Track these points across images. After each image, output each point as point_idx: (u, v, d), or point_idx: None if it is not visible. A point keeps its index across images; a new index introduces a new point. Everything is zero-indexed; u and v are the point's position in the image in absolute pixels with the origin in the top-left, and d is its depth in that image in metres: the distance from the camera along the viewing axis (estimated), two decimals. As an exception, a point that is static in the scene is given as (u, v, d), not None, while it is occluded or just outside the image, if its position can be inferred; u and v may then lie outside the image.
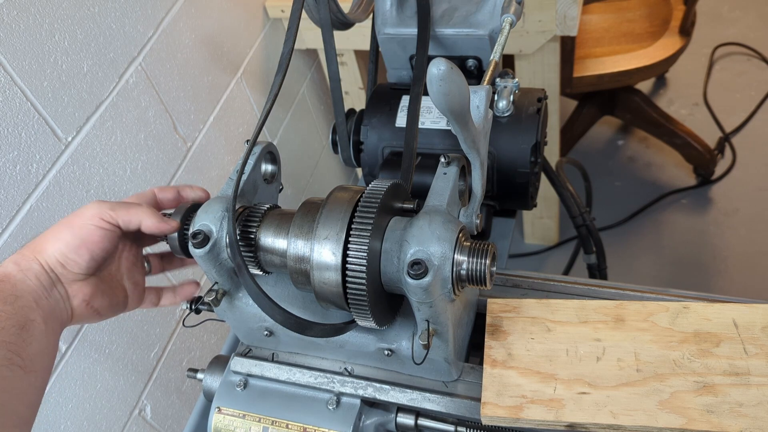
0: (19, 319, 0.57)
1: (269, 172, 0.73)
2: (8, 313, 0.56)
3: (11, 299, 0.58)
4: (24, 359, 0.55)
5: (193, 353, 1.39)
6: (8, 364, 0.54)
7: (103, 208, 0.64)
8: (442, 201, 0.60)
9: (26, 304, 0.59)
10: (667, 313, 0.65)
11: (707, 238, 1.96)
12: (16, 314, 0.57)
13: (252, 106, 1.58)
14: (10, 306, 0.57)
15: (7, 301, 0.57)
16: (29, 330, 0.57)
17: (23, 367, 0.55)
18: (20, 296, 0.59)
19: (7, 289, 0.59)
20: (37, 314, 0.59)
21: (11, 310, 0.57)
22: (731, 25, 2.53)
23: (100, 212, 0.64)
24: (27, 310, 0.58)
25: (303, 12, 0.75)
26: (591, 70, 1.79)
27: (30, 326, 0.58)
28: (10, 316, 0.56)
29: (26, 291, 0.59)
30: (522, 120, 0.80)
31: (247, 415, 0.69)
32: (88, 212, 0.64)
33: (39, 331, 0.58)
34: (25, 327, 0.57)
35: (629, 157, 2.23)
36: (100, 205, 0.64)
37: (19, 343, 0.55)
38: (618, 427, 0.58)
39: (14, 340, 0.55)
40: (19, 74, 0.94)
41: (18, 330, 0.56)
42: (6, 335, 0.55)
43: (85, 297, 0.65)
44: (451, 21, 0.83)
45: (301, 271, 0.60)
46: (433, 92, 0.50)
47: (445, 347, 0.61)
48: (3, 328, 0.55)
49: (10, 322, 0.56)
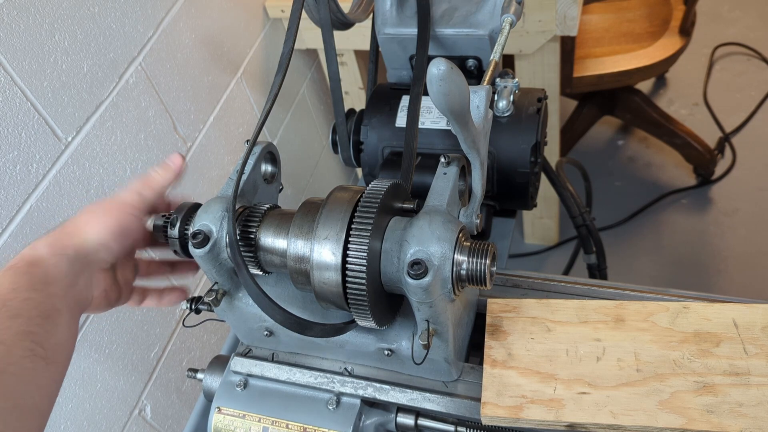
0: (45, 308, 0.55)
1: (269, 172, 0.73)
2: (36, 301, 0.55)
3: (41, 286, 0.56)
4: (47, 350, 0.54)
5: (193, 353, 1.39)
6: (31, 355, 0.52)
7: (138, 200, 0.65)
8: (442, 201, 0.60)
9: (55, 292, 0.57)
10: (667, 313, 0.65)
11: (707, 238, 1.96)
12: (43, 302, 0.55)
13: (252, 106, 1.58)
14: (39, 293, 0.56)
15: (36, 288, 0.56)
16: (54, 320, 0.56)
17: (45, 358, 0.53)
18: (50, 283, 0.57)
19: (38, 274, 0.57)
20: (64, 303, 0.58)
21: (39, 298, 0.55)
22: (731, 25, 2.53)
23: (137, 203, 0.64)
24: (54, 299, 0.57)
25: (303, 12, 0.75)
26: (591, 70, 1.79)
27: (55, 316, 0.56)
28: (37, 304, 0.55)
29: (57, 277, 0.58)
30: (522, 120, 0.80)
31: (247, 415, 0.69)
32: (127, 200, 0.64)
33: (63, 321, 0.57)
34: (50, 317, 0.56)
35: (629, 157, 2.23)
36: (135, 196, 0.65)
37: (42, 333, 0.54)
38: (618, 427, 0.58)
39: (38, 330, 0.54)
40: (19, 74, 0.94)
41: (43, 320, 0.55)
42: (31, 325, 0.53)
43: (106, 287, 0.65)
44: (451, 21, 0.83)
45: (301, 271, 0.60)
46: (433, 92, 0.50)
47: (445, 347, 0.61)
48: (29, 317, 0.54)
49: (37, 311, 0.54)
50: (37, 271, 0.57)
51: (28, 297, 0.55)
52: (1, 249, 0.94)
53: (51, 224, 1.01)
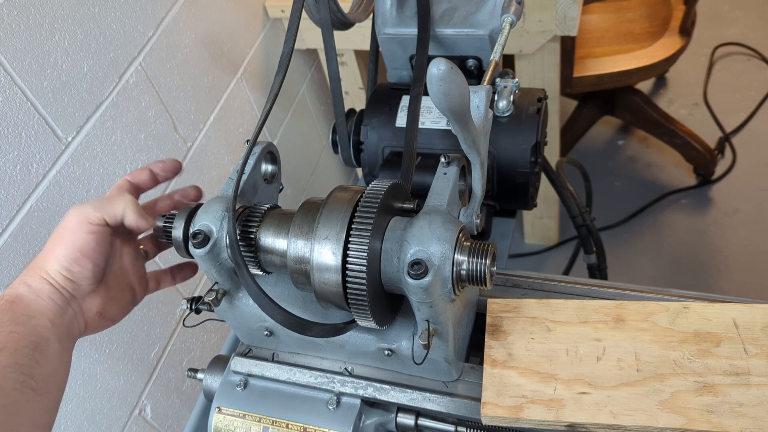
0: (32, 339, 0.55)
1: (269, 172, 0.73)
2: (21, 333, 0.55)
3: (24, 319, 0.56)
4: (37, 381, 0.54)
5: (193, 353, 1.39)
6: (21, 387, 0.52)
7: (87, 211, 0.62)
8: (442, 201, 0.60)
9: (40, 323, 0.57)
10: (667, 313, 0.65)
11: (707, 238, 1.96)
12: (29, 334, 0.55)
13: (252, 106, 1.58)
14: (23, 326, 0.55)
15: (19, 322, 0.56)
16: (43, 350, 0.56)
17: (35, 389, 0.53)
18: (34, 316, 0.57)
19: (20, 310, 0.57)
20: (52, 334, 0.58)
21: (24, 331, 0.55)
22: (731, 25, 2.53)
23: (86, 216, 0.61)
24: (41, 330, 0.57)
25: (303, 12, 0.75)
26: (591, 70, 1.79)
27: (44, 346, 0.56)
28: (23, 336, 0.55)
29: (40, 311, 0.58)
30: (522, 120, 0.80)
31: (247, 415, 0.69)
32: (73, 220, 0.61)
33: (53, 351, 0.57)
34: (39, 347, 0.55)
35: (629, 157, 2.23)
36: (83, 209, 0.62)
37: (32, 364, 0.54)
38: (618, 427, 0.58)
39: (27, 362, 0.54)
40: (19, 74, 0.94)
41: (31, 351, 0.54)
42: (19, 356, 0.53)
43: (98, 308, 0.64)
44: (451, 21, 0.83)
45: (301, 271, 0.60)
46: (433, 92, 0.50)
47: (445, 347, 0.61)
48: (16, 349, 0.53)
49: (23, 343, 0.54)
50: (18, 308, 0.57)
51: (12, 330, 0.55)
52: (1, 249, 0.94)
53: (51, 224, 1.01)
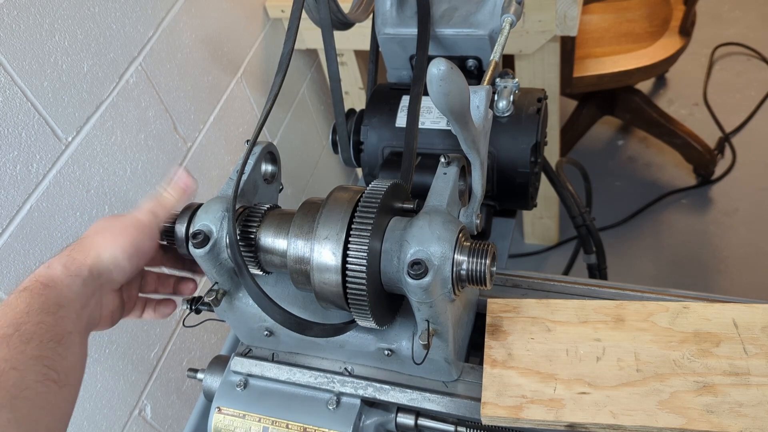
0: (58, 331, 0.56)
1: (269, 172, 0.73)
2: (49, 324, 0.55)
3: (54, 309, 0.57)
4: (59, 373, 0.54)
5: (193, 353, 1.39)
6: (44, 379, 0.53)
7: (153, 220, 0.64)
8: (442, 201, 0.60)
9: (67, 315, 0.57)
10: (667, 313, 0.65)
11: (707, 238, 1.96)
12: (56, 326, 0.56)
13: (252, 106, 1.58)
14: (52, 316, 0.56)
15: (49, 311, 0.56)
16: (66, 343, 0.56)
17: (57, 381, 0.54)
18: (63, 305, 0.57)
19: (52, 297, 0.57)
20: (75, 325, 0.58)
21: (51, 321, 0.56)
22: (731, 25, 2.53)
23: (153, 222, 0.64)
24: (66, 321, 0.57)
25: (303, 12, 0.75)
26: (591, 70, 1.79)
27: (67, 339, 0.56)
28: (50, 327, 0.55)
29: (70, 299, 0.58)
30: (522, 120, 0.80)
31: (247, 415, 0.69)
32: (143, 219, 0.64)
33: (75, 344, 0.57)
34: (63, 340, 0.56)
35: (629, 157, 2.23)
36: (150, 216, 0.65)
37: (55, 357, 0.54)
38: (618, 427, 0.58)
39: (51, 355, 0.54)
40: (19, 74, 0.94)
41: (56, 344, 0.55)
42: (44, 349, 0.54)
43: (113, 308, 0.65)
44: (451, 21, 0.83)
45: (301, 272, 0.60)
46: (433, 92, 0.50)
47: (445, 347, 0.61)
48: (41, 341, 0.54)
49: (49, 335, 0.55)
50: (51, 293, 0.57)
51: (41, 320, 0.55)
52: (1, 249, 0.94)
53: (51, 224, 1.02)
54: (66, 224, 1.04)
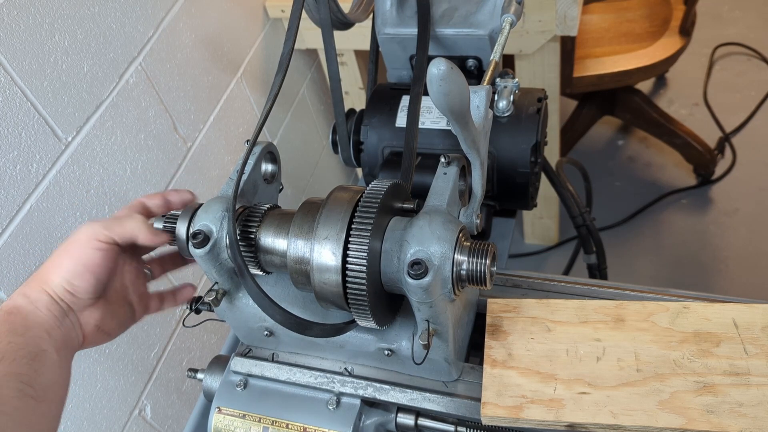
0: (30, 350, 0.56)
1: (269, 172, 0.73)
2: (19, 344, 0.56)
3: (22, 330, 0.57)
4: (36, 390, 0.54)
5: (193, 353, 1.39)
6: (20, 395, 0.53)
7: (97, 229, 0.63)
8: (442, 201, 0.60)
9: (37, 334, 0.58)
10: (667, 313, 0.65)
11: (707, 238, 1.96)
12: (27, 345, 0.56)
13: (252, 106, 1.58)
14: (21, 337, 0.56)
15: (17, 333, 0.57)
16: (41, 360, 0.56)
17: (35, 397, 0.54)
18: (31, 327, 0.58)
19: (17, 321, 0.58)
20: (49, 344, 0.58)
21: (22, 341, 0.56)
22: (731, 25, 2.53)
23: (95, 234, 0.63)
24: (39, 341, 0.57)
25: (303, 12, 0.75)
26: (591, 70, 1.79)
27: (42, 356, 0.57)
28: (21, 346, 0.56)
29: (37, 322, 0.59)
30: (522, 120, 0.80)
31: (247, 415, 0.69)
32: (82, 236, 0.63)
33: (51, 362, 0.58)
34: (37, 357, 0.56)
35: (629, 157, 2.23)
36: (93, 226, 0.63)
37: (30, 373, 0.55)
38: (618, 427, 0.58)
39: (26, 371, 0.54)
40: (19, 74, 0.94)
41: (30, 360, 0.55)
42: (18, 366, 0.54)
43: (96, 322, 0.64)
44: (451, 21, 0.83)
45: (301, 272, 0.60)
46: (433, 92, 0.50)
47: (445, 347, 0.61)
48: (14, 359, 0.54)
49: (21, 353, 0.55)
50: (16, 319, 0.58)
51: (10, 341, 0.56)
52: (1, 249, 0.94)
53: (51, 224, 1.02)
54: (66, 224, 1.04)
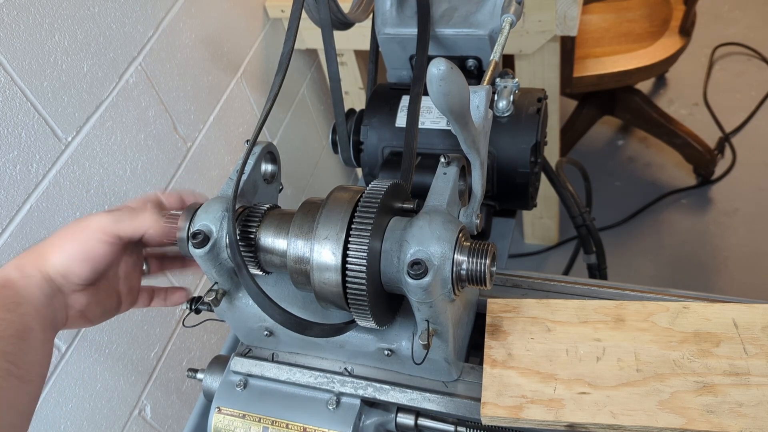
0: (18, 328, 0.56)
1: (269, 172, 0.73)
2: (8, 321, 0.56)
3: (13, 306, 0.57)
4: (21, 369, 0.54)
5: (193, 353, 1.39)
6: (5, 374, 0.53)
7: (107, 222, 0.63)
8: (442, 201, 0.60)
9: (27, 311, 0.58)
10: (667, 313, 0.65)
11: (707, 238, 1.96)
12: (15, 322, 0.56)
13: (252, 106, 1.58)
14: (11, 314, 0.56)
15: (8, 309, 0.56)
16: (28, 339, 0.56)
17: (20, 377, 0.54)
18: (22, 303, 0.58)
19: (9, 296, 0.58)
20: (37, 323, 0.58)
21: (11, 318, 0.56)
22: (731, 25, 2.53)
23: (105, 227, 0.63)
24: (27, 318, 0.57)
25: (303, 12, 0.75)
26: (591, 70, 1.79)
27: (29, 335, 0.57)
28: (9, 324, 0.56)
29: (28, 298, 0.59)
30: (522, 120, 0.80)
31: (247, 415, 0.69)
32: (93, 224, 0.63)
33: (37, 340, 0.58)
34: (24, 336, 0.56)
35: (629, 157, 2.23)
36: (105, 219, 0.63)
37: (17, 352, 0.55)
38: (618, 427, 0.58)
39: (12, 350, 0.54)
40: (19, 74, 0.94)
41: (17, 339, 0.55)
42: (5, 344, 0.54)
43: (81, 307, 0.64)
44: (451, 21, 0.83)
45: (301, 272, 0.60)
46: (433, 92, 0.50)
47: (445, 347, 0.61)
48: (2, 337, 0.54)
49: (9, 331, 0.55)
50: (8, 292, 0.58)
51: (1, 318, 0.56)
52: (1, 249, 0.94)
53: (51, 224, 1.02)
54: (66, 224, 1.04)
